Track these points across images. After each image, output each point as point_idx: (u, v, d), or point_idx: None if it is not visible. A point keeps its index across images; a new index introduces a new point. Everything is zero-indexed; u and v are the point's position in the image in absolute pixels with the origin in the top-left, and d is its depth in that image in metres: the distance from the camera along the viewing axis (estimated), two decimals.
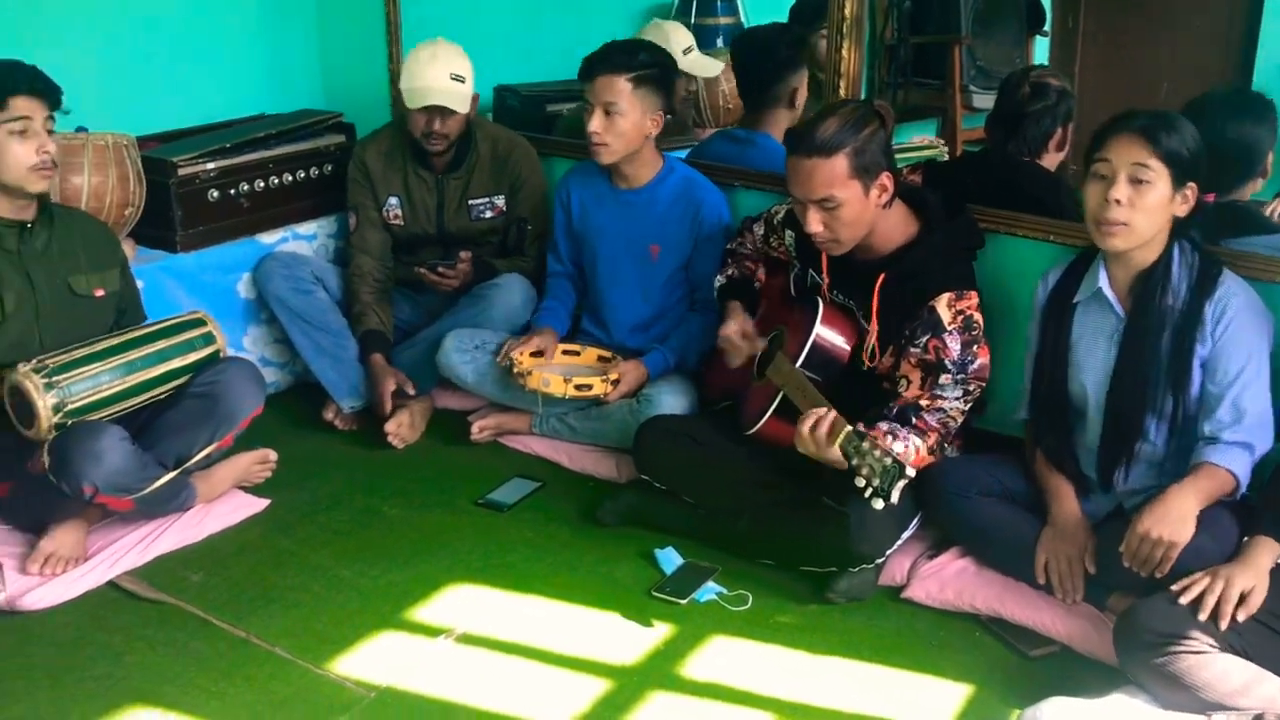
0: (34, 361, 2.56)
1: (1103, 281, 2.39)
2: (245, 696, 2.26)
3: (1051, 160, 2.95)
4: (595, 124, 3.01)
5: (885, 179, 2.51)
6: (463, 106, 3.26)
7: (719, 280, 3.03)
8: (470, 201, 3.43)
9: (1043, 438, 2.54)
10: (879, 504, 2.26)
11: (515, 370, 3.08)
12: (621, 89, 2.98)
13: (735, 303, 2.96)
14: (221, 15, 3.86)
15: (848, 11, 2.95)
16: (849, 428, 2.34)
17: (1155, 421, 2.36)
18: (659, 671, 2.34)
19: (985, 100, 3.80)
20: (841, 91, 2.98)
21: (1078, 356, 2.45)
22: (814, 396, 2.47)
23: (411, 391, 3.27)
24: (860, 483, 2.28)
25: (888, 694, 2.29)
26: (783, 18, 3.76)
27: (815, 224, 2.53)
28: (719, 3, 4.22)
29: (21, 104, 2.57)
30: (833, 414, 2.37)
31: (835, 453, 2.36)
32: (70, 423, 2.55)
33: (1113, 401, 2.40)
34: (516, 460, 3.20)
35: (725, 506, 2.73)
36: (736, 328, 2.87)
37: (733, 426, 2.81)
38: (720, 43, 4.18)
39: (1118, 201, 2.25)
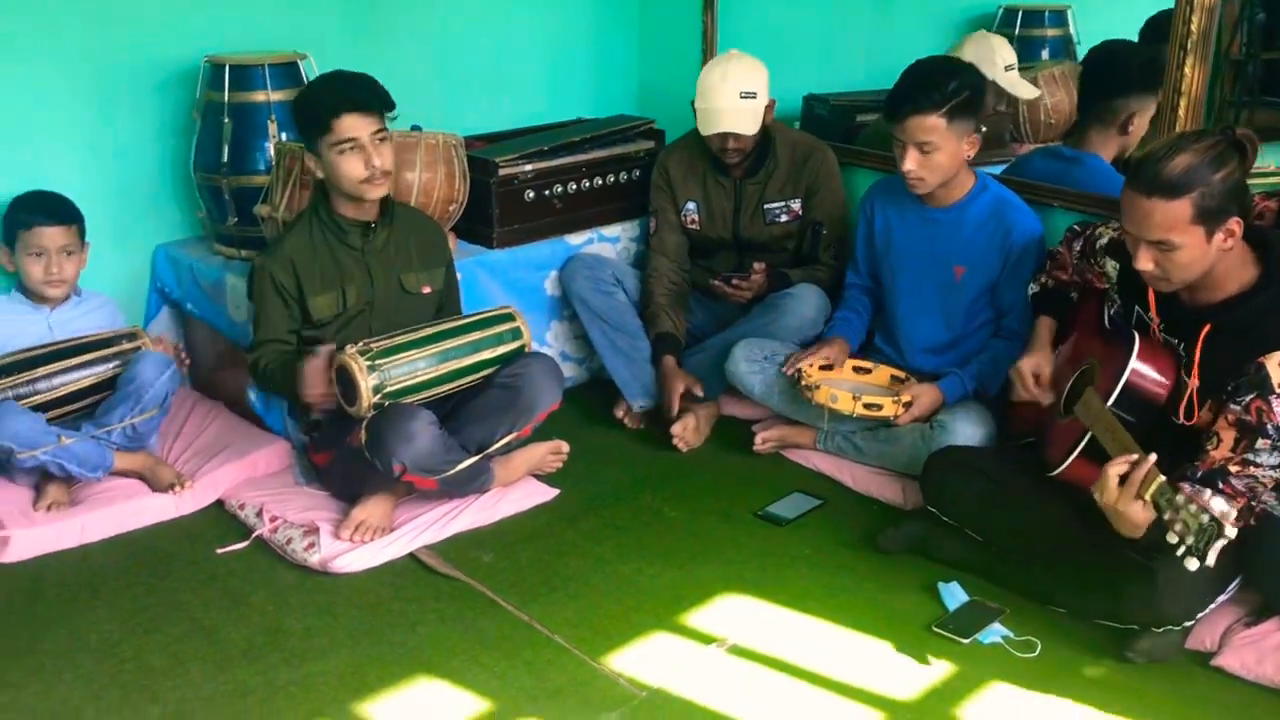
0: (360, 344, 2.76)
1: None
2: (524, 680, 2.35)
3: None
4: (910, 163, 2.91)
5: (1234, 224, 2.26)
6: (752, 127, 3.27)
7: (1032, 287, 2.87)
8: (766, 206, 3.43)
9: None
10: (1193, 564, 2.07)
11: (803, 383, 3.05)
12: (935, 126, 2.86)
13: (1046, 321, 2.80)
14: (550, 23, 4.04)
15: (1194, 26, 2.72)
16: (1162, 478, 2.16)
17: None
18: (935, 711, 2.24)
19: None
20: (1181, 112, 2.76)
21: None
22: (1125, 440, 2.29)
23: (700, 394, 3.31)
24: (1173, 539, 2.10)
25: None
26: (1117, 32, 3.53)
27: (1145, 262, 2.33)
28: (1047, 14, 4.01)
29: (346, 124, 2.73)
30: (1149, 461, 2.19)
31: (1138, 506, 2.18)
32: (387, 404, 2.74)
33: None
34: (798, 475, 3.17)
35: (1017, 548, 2.60)
36: (1032, 366, 2.72)
37: (1032, 464, 2.66)
38: (1045, 54, 3.96)
39: None
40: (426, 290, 3.00)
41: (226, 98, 3.22)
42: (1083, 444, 2.47)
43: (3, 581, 2.67)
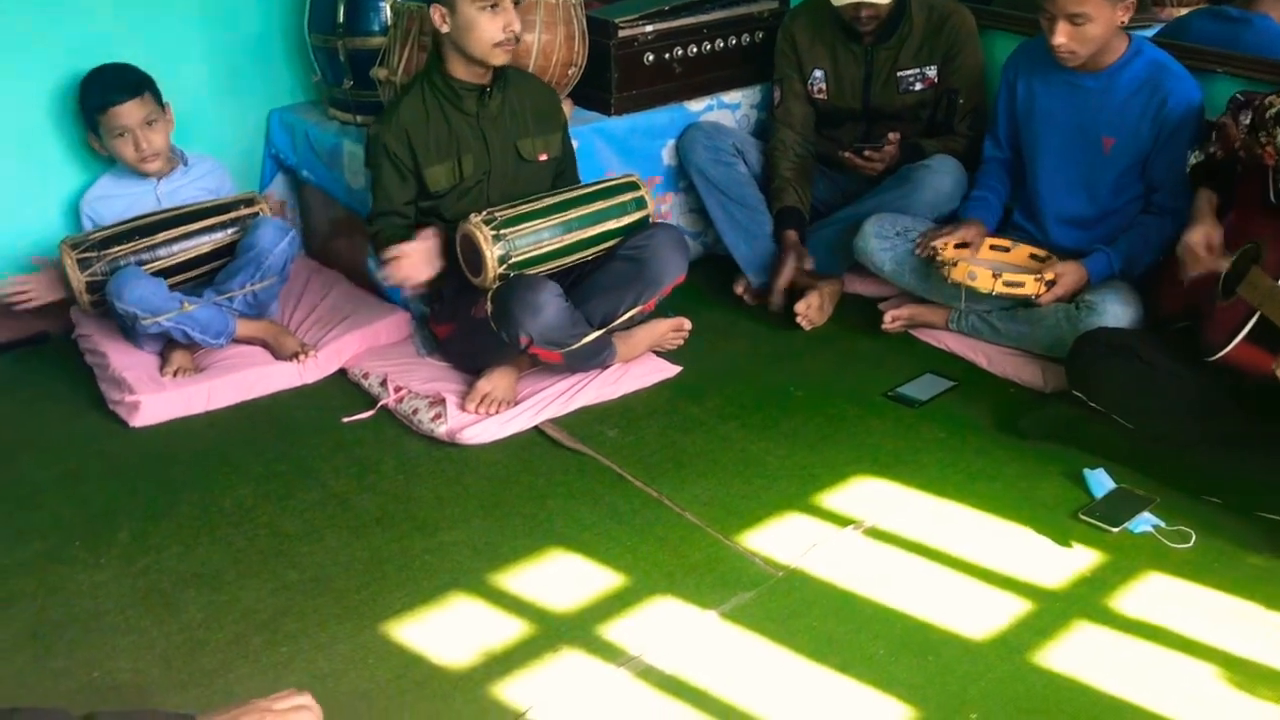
0: (484, 213, 2.68)
1: None
2: (658, 556, 2.31)
3: None
4: (1061, 37, 2.70)
5: None
6: None
7: (1194, 156, 2.69)
8: (899, 73, 3.24)
9: None
10: None
11: (939, 260, 2.92)
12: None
13: (1207, 194, 2.64)
14: None
15: None
16: None
17: None
18: (1085, 601, 2.17)
19: None
20: None
21: None
22: None
23: (809, 267, 3.19)
24: None
25: None
26: None
27: None
28: None
29: None
30: None
31: None
32: (512, 275, 2.67)
33: None
34: (929, 355, 3.06)
35: (1169, 435, 2.48)
36: (1202, 236, 2.56)
37: (1187, 348, 2.53)
38: None
39: None
40: (543, 157, 2.91)
41: None
42: (1249, 325, 2.33)
43: (135, 446, 2.69)
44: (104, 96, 2.90)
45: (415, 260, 2.63)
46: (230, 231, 2.95)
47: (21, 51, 2.97)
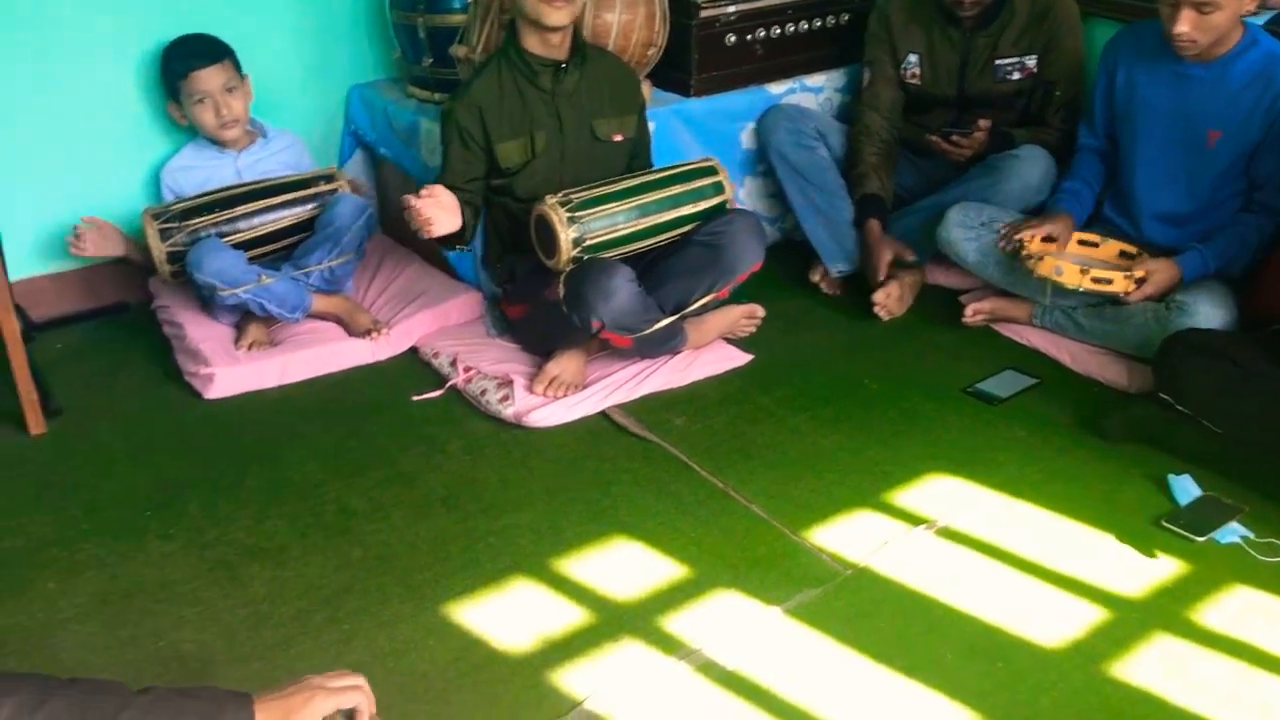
0: (560, 195, 2.65)
1: None
2: (722, 549, 2.28)
3: None
4: (1184, 25, 2.58)
5: None
6: None
7: None
8: (997, 61, 3.14)
9: None
10: None
11: (1024, 254, 2.83)
12: None
13: None
14: None
15: None
16: None
17: None
18: (1166, 612, 2.09)
19: None
20: None
21: None
22: None
23: (910, 259, 3.11)
24: None
25: None
26: None
27: None
28: None
29: None
30: None
31: None
32: (586, 258, 2.64)
33: None
34: (1010, 351, 2.97)
35: (1261, 442, 2.37)
36: None
37: None
38: None
39: None
40: (618, 138, 2.87)
41: None
42: None
43: (208, 418, 2.72)
44: (186, 62, 2.95)
45: (446, 204, 2.60)
46: (310, 207, 2.97)
47: (111, 25, 3.01)
